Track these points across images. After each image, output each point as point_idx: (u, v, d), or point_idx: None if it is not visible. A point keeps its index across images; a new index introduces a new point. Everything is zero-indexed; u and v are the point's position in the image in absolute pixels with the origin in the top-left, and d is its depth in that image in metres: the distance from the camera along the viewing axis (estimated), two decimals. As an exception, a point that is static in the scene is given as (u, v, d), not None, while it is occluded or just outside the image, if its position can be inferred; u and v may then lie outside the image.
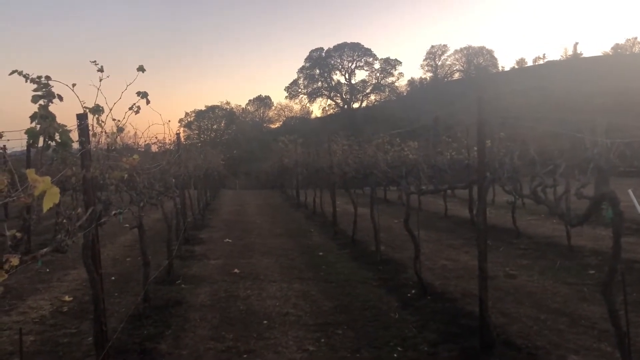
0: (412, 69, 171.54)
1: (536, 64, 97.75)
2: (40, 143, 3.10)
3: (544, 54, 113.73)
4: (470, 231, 12.05)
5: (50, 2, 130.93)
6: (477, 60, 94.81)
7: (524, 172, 6.63)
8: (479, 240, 4.92)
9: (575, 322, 5.56)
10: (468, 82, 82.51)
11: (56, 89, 3.34)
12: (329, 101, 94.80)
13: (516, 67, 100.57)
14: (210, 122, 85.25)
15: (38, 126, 3.13)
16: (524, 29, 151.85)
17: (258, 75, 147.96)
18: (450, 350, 4.89)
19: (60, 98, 3.16)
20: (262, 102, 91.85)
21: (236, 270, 8.59)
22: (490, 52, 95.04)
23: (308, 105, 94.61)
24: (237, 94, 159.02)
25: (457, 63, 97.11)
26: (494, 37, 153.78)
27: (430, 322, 5.68)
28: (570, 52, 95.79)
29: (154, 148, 10.97)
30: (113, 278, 8.05)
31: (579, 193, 3.66)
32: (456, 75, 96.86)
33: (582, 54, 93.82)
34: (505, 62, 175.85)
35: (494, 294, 6.26)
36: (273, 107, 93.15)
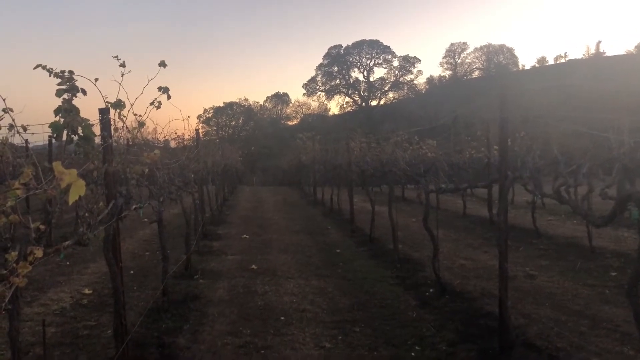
0: (431, 67, 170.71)
1: (557, 62, 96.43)
2: (64, 137, 3.13)
3: (566, 53, 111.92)
4: (489, 231, 11.95)
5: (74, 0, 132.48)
6: (497, 59, 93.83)
7: (545, 171, 6.54)
8: (500, 240, 4.86)
9: (597, 324, 5.47)
10: (488, 81, 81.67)
11: (79, 83, 3.37)
12: (347, 98, 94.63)
13: (537, 65, 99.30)
14: (228, 118, 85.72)
15: (62, 120, 3.16)
16: (545, 27, 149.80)
17: (276, 72, 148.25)
18: (469, 350, 4.85)
19: (84, 92, 3.19)
20: (280, 99, 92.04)
21: (254, 266, 8.62)
22: (510, 50, 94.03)
23: (326, 102, 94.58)
24: (255, 91, 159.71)
25: (476, 61, 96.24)
26: (515, 35, 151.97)
27: (448, 322, 5.63)
28: (592, 51, 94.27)
29: (173, 144, 11.03)
30: (132, 272, 8.13)
31: (603, 193, 3.60)
32: (476, 74, 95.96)
33: (604, 52, 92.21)
34: (526, 60, 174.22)
35: (513, 295, 6.18)
36: (291, 104, 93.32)
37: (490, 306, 5.97)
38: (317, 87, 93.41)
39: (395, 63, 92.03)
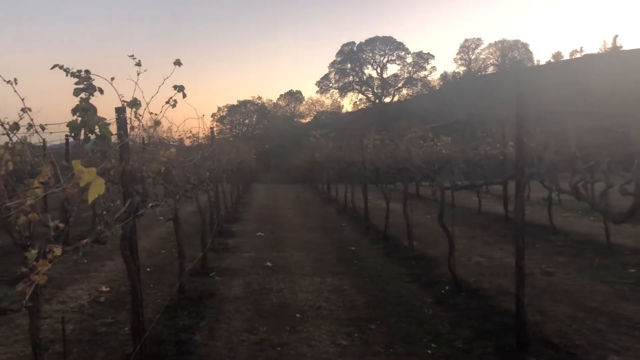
0: (445, 63, 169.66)
1: (573, 57, 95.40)
2: (81, 136, 3.15)
3: (582, 47, 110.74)
4: (504, 228, 11.87)
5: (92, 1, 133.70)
6: (512, 54, 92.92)
7: (562, 167, 6.47)
8: (517, 237, 4.82)
9: (616, 321, 5.40)
10: (502, 76, 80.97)
11: (95, 83, 3.40)
12: (360, 95, 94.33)
13: (552, 60, 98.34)
14: (242, 116, 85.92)
15: (79, 119, 3.19)
16: (561, 22, 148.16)
17: (289, 70, 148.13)
18: (485, 347, 4.82)
19: (101, 91, 3.21)
20: (293, 96, 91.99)
21: (269, 264, 8.65)
22: (525, 46, 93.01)
23: (339, 99, 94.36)
24: (268, 89, 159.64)
25: (491, 57, 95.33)
26: (529, 30, 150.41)
27: (464, 319, 5.61)
28: (609, 45, 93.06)
29: (187, 142, 11.09)
30: (148, 269, 8.19)
31: (623, 190, 3.55)
32: (490, 70, 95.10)
33: (622, 46, 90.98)
34: (541, 55, 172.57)
35: (530, 292, 6.12)
36: (304, 102, 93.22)
37: (507, 303, 5.93)
38: (330, 85, 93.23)
39: (409, 59, 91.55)
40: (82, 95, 3.16)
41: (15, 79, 2.67)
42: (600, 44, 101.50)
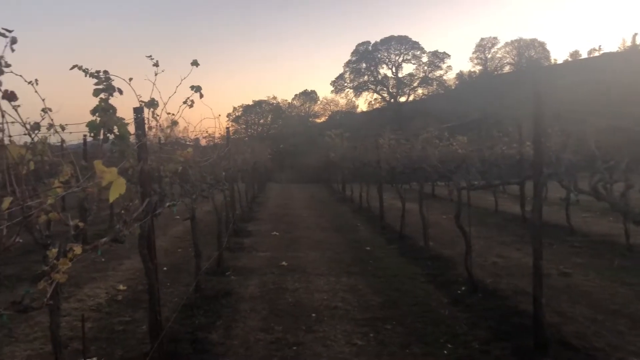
0: (461, 62, 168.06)
1: (591, 56, 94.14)
2: (101, 136, 3.19)
3: (600, 46, 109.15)
4: (521, 228, 11.77)
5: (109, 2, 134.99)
6: (529, 53, 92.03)
7: (580, 167, 6.40)
8: (534, 238, 4.78)
9: (636, 323, 5.33)
10: (519, 76, 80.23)
11: (113, 83, 3.43)
12: (375, 95, 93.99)
13: (570, 59, 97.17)
14: (257, 116, 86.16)
15: (98, 119, 3.22)
16: (579, 20, 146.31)
17: (304, 70, 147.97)
18: (503, 348, 4.78)
19: (120, 91, 3.24)
20: (308, 96, 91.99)
21: (284, 263, 8.66)
22: (542, 45, 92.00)
23: (354, 99, 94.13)
24: (283, 89, 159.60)
25: (507, 56, 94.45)
26: (547, 28, 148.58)
27: (481, 320, 5.57)
28: (628, 44, 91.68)
29: (203, 142, 11.15)
30: (165, 268, 8.24)
31: (644, 189, 3.50)
32: (506, 69, 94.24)
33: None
34: (559, 54, 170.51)
35: (547, 293, 6.04)
36: (319, 102, 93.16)
37: (524, 304, 5.88)
38: (345, 84, 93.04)
39: (424, 59, 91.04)
40: (102, 95, 3.19)
41: (36, 80, 2.70)
42: (620, 42, 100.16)
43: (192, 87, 4.38)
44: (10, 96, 2.23)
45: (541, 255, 4.76)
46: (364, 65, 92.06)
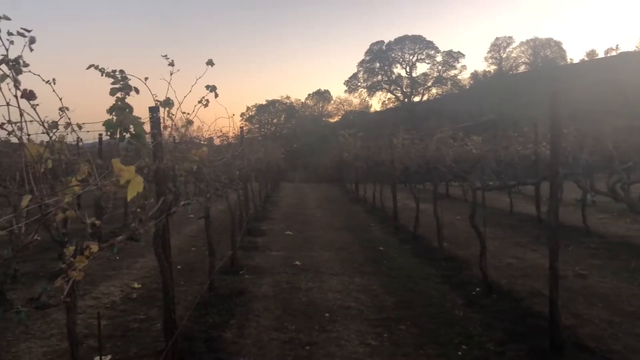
0: (475, 62, 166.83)
1: (608, 55, 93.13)
2: (117, 134, 3.21)
3: (617, 45, 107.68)
4: (536, 229, 11.67)
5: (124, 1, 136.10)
6: (544, 53, 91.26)
7: (597, 167, 6.32)
8: (550, 238, 4.73)
9: (654, 326, 5.26)
10: (534, 75, 79.59)
11: (130, 82, 3.45)
12: (389, 95, 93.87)
13: (586, 59, 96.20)
14: (270, 116, 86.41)
15: (114, 118, 3.24)
16: (595, 19, 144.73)
17: (317, 70, 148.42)
18: (518, 350, 4.74)
19: (137, 91, 3.26)
20: (321, 96, 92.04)
21: (297, 263, 8.67)
22: (558, 44, 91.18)
23: (367, 99, 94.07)
24: (296, 89, 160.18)
25: (522, 55, 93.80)
26: (563, 27, 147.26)
27: (496, 321, 5.52)
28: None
29: (217, 141, 11.18)
30: (179, 267, 8.29)
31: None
32: (522, 68, 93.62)
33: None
34: (575, 54, 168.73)
35: (563, 294, 5.98)
36: (332, 101, 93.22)
37: (539, 305, 5.83)
38: (359, 84, 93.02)
39: (439, 58, 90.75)
40: (118, 94, 3.21)
41: (54, 79, 2.72)
42: (637, 41, 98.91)
43: (207, 87, 4.39)
44: (29, 95, 2.25)
45: (557, 257, 4.72)
46: (377, 64, 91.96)
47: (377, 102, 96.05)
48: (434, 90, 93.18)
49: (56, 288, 2.49)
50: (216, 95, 4.43)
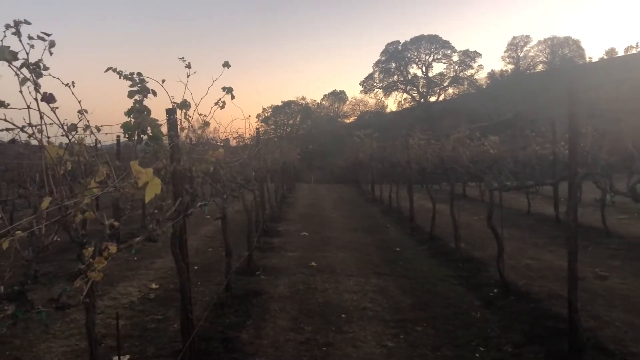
0: (492, 61, 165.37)
1: (628, 53, 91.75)
2: (135, 137, 3.24)
3: (637, 43, 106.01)
4: (554, 229, 11.54)
5: (140, 3, 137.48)
6: (562, 51, 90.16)
7: (617, 168, 6.23)
8: (570, 240, 4.67)
9: (676, 329, 5.17)
10: (552, 74, 78.70)
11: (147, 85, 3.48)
12: (405, 95, 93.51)
13: (605, 57, 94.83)
14: (286, 117, 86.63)
15: (132, 120, 3.27)
16: (615, 16, 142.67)
17: (333, 70, 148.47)
18: (537, 352, 4.70)
19: (154, 93, 3.30)
20: (337, 96, 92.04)
21: (313, 264, 8.67)
22: (576, 42, 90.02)
23: (383, 99, 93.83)
24: (312, 89, 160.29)
25: (540, 54, 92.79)
26: (581, 26, 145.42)
27: (514, 323, 5.48)
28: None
29: (233, 142, 11.23)
30: (196, 267, 8.34)
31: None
32: (539, 67, 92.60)
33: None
34: (594, 52, 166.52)
35: (582, 296, 5.92)
36: (348, 102, 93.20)
37: (558, 307, 5.77)
38: (375, 84, 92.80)
39: (455, 58, 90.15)
40: (136, 97, 3.24)
41: (73, 82, 2.76)
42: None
43: (224, 89, 4.43)
44: (49, 98, 2.28)
45: (576, 258, 4.66)
46: (393, 65, 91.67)
47: (393, 102, 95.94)
48: (450, 90, 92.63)
49: (75, 288, 2.52)
50: (232, 97, 4.46)
